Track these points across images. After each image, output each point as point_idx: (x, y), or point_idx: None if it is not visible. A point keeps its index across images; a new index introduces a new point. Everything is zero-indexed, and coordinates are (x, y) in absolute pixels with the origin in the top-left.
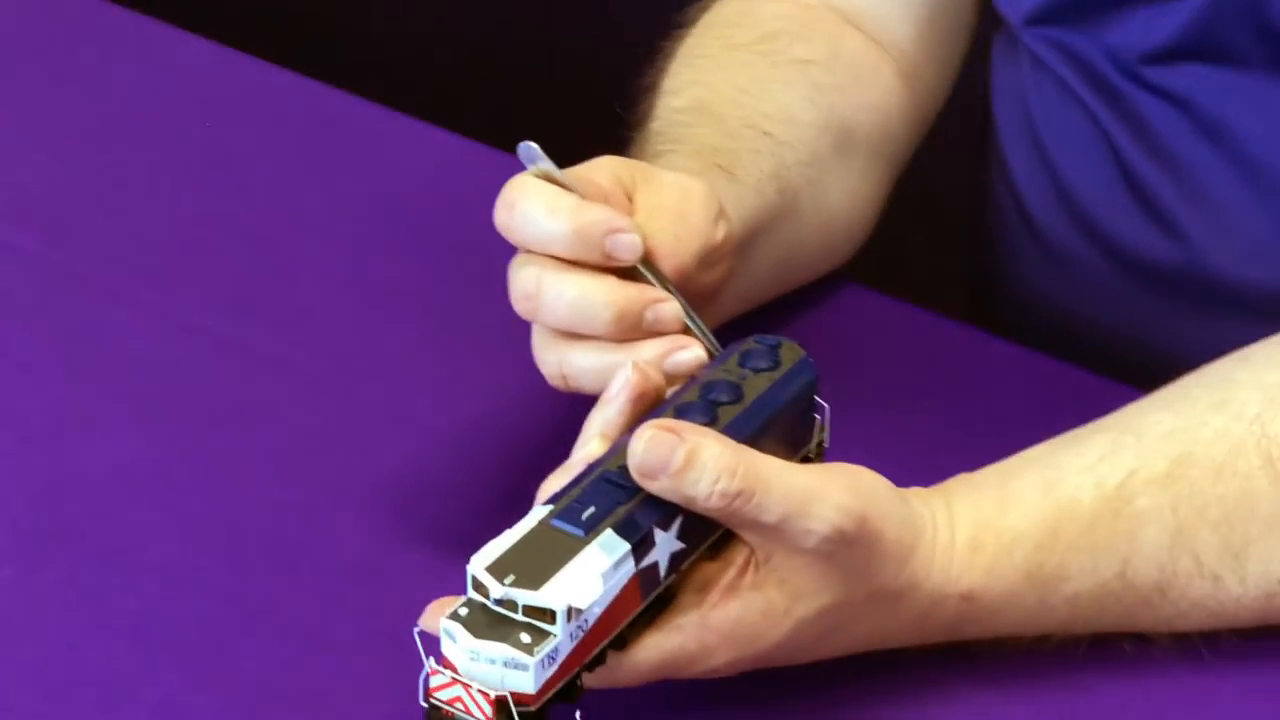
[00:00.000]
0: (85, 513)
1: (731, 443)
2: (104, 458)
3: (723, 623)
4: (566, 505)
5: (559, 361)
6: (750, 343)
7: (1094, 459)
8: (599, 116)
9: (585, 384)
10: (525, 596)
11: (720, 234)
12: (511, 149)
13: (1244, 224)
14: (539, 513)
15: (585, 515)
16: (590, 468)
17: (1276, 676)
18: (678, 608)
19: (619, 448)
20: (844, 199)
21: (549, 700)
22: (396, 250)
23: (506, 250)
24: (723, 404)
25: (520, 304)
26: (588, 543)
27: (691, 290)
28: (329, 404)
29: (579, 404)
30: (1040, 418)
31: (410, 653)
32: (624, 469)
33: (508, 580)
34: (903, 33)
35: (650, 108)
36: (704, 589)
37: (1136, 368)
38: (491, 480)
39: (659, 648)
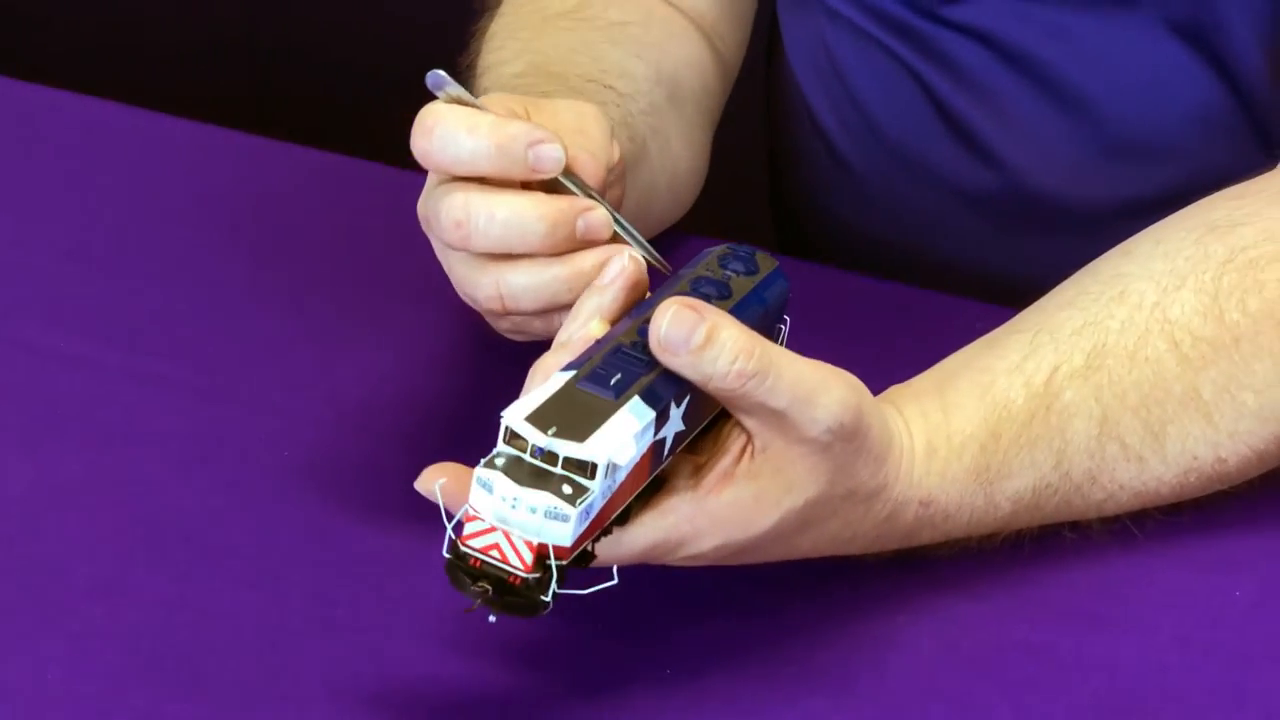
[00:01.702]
0: None
1: (746, 327)
2: None
3: (717, 507)
4: (591, 370)
5: (495, 283)
6: (724, 249)
7: (1018, 359)
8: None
9: (525, 303)
10: (568, 449)
11: (617, 153)
12: (339, 147)
13: (1056, 146)
14: (561, 377)
15: (613, 381)
16: (600, 343)
17: (1196, 544)
18: (671, 490)
19: (619, 332)
20: (684, 147)
21: (571, 561)
22: (228, 249)
23: (339, 238)
24: (713, 299)
25: (450, 232)
26: (619, 406)
27: None
28: (206, 404)
29: (469, 354)
30: (895, 341)
31: (381, 627)
32: (637, 344)
33: (550, 431)
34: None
35: (480, 84)
36: (698, 474)
37: (969, 286)
38: (406, 436)
39: (654, 526)
